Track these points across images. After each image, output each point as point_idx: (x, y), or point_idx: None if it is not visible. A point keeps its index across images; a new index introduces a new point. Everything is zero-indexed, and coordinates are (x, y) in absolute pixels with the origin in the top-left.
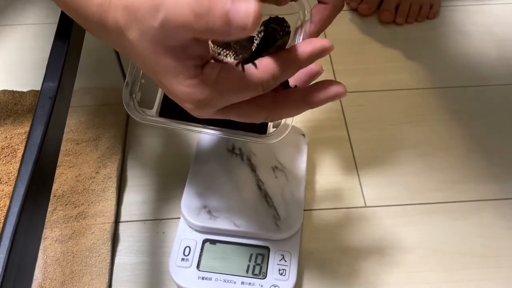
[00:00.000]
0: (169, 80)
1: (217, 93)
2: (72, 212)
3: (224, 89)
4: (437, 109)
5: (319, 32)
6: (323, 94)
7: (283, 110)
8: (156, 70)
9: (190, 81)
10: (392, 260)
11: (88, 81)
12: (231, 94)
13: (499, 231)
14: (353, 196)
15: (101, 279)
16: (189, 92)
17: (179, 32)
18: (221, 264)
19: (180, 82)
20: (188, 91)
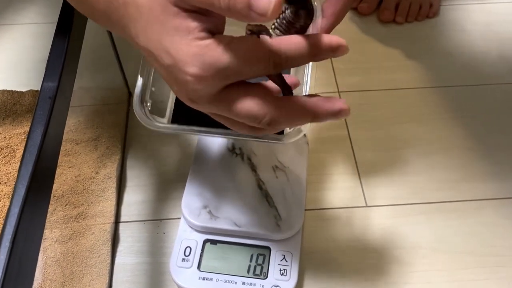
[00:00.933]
0: (176, 42)
1: (227, 57)
2: (72, 212)
3: (234, 54)
4: (437, 108)
5: (332, 27)
6: (328, 106)
7: (285, 116)
8: (162, 32)
9: (201, 41)
10: (393, 260)
11: (87, 80)
12: (242, 62)
13: (500, 230)
14: (354, 195)
15: (101, 279)
16: (197, 53)
17: (197, 2)
18: (222, 265)
19: (189, 43)
20: (196, 51)
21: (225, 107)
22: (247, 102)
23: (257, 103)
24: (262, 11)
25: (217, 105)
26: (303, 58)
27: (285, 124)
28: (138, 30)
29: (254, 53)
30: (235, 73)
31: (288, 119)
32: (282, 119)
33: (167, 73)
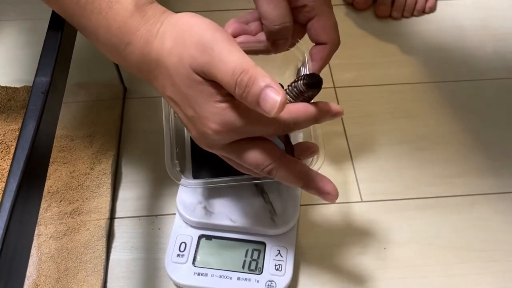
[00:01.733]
0: (200, 102)
1: (244, 119)
2: (67, 208)
3: (251, 117)
4: (432, 104)
5: (321, 69)
6: (320, 185)
7: (283, 172)
8: (187, 92)
9: (221, 104)
10: (388, 255)
11: (81, 76)
12: (256, 124)
13: (494, 225)
14: (349, 191)
15: (96, 275)
16: (217, 113)
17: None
18: (217, 260)
19: (211, 104)
20: (217, 112)
21: (236, 155)
22: (254, 153)
23: (262, 156)
24: (267, 110)
25: (229, 152)
26: (309, 123)
27: (281, 178)
28: (166, 84)
29: (266, 118)
30: (248, 131)
31: (284, 176)
32: (280, 173)
33: (188, 121)
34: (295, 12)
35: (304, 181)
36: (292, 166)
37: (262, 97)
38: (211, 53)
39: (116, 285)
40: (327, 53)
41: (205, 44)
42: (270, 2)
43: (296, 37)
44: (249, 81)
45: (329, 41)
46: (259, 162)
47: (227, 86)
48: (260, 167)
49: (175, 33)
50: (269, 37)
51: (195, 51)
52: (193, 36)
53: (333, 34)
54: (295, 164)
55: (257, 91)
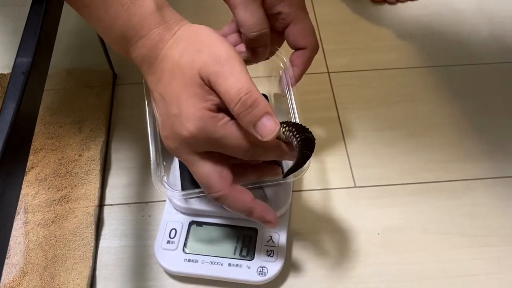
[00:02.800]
0: (190, 102)
1: (221, 133)
2: (55, 195)
3: (226, 134)
4: (427, 88)
5: (302, 74)
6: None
7: (233, 201)
8: (183, 90)
9: (208, 112)
10: (382, 241)
11: (70, 62)
12: (228, 141)
13: (489, 210)
14: (343, 176)
15: (84, 263)
16: (201, 117)
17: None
18: (208, 246)
19: (199, 108)
20: (200, 116)
21: (195, 168)
22: (210, 175)
23: (217, 180)
24: (262, 134)
25: (190, 163)
26: (274, 157)
27: (226, 205)
28: (163, 79)
29: (240, 141)
30: (219, 146)
31: (230, 204)
32: (227, 201)
33: (168, 119)
34: (271, 19)
35: (248, 211)
36: (239, 196)
37: (263, 122)
38: (223, 66)
39: (105, 272)
40: (307, 57)
41: (220, 56)
42: (247, 10)
43: (275, 45)
44: (254, 103)
45: (308, 45)
46: (211, 185)
47: (228, 99)
48: (211, 189)
49: (193, 39)
50: (248, 45)
51: (209, 59)
52: (210, 47)
53: (311, 38)
54: (243, 195)
55: (259, 115)
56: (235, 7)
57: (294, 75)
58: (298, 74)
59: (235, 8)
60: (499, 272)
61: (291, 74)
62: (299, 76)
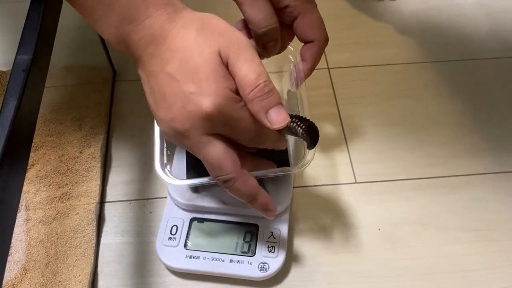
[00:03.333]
0: (209, 79)
1: (238, 113)
2: (56, 193)
3: (242, 115)
4: (428, 84)
5: (313, 68)
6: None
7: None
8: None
9: (229, 91)
10: (383, 236)
11: (70, 59)
12: (241, 123)
13: (490, 205)
14: (343, 172)
15: (86, 259)
16: (221, 94)
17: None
18: (209, 243)
19: (220, 85)
20: (221, 93)
21: (205, 150)
22: (221, 156)
23: (228, 162)
24: (273, 122)
25: (200, 145)
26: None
27: (234, 190)
28: (175, 57)
29: (251, 126)
30: (232, 129)
31: (238, 189)
32: (235, 185)
33: (179, 98)
34: (279, 13)
35: (254, 197)
36: (247, 181)
37: (276, 110)
38: (244, 50)
39: (106, 269)
40: (316, 51)
41: (240, 42)
42: (254, 7)
43: (286, 39)
44: (271, 91)
45: (316, 38)
46: (223, 166)
47: (246, 83)
48: (222, 171)
49: (207, 23)
50: (258, 41)
51: (229, 42)
52: (229, 31)
53: (319, 31)
54: (250, 180)
55: (274, 103)
56: (242, 4)
57: (304, 70)
58: (308, 68)
59: (242, 5)
60: (501, 266)
61: (301, 68)
62: (310, 70)
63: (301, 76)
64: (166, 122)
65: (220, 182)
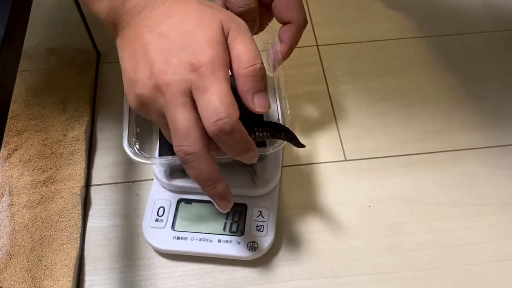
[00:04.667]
0: (207, 37)
1: (224, 73)
2: (40, 177)
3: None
4: (418, 59)
5: (290, 50)
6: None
7: (203, 164)
8: (198, 29)
9: (222, 53)
10: (373, 213)
11: (51, 41)
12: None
13: (481, 179)
14: (333, 150)
15: (72, 243)
16: (212, 54)
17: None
18: (197, 223)
19: (215, 45)
20: (213, 52)
21: (176, 108)
22: (189, 124)
23: (194, 133)
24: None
25: (173, 101)
26: None
27: (193, 169)
28: (171, 19)
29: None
30: (208, 96)
31: (198, 168)
32: (195, 163)
33: (164, 53)
34: None
35: (214, 180)
36: (210, 161)
37: (263, 95)
38: (244, 31)
39: (93, 252)
40: (294, 32)
41: (243, 24)
42: None
43: (265, 19)
44: (264, 76)
45: (294, 19)
46: (190, 135)
47: (243, 59)
48: (186, 140)
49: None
50: None
51: (232, 19)
52: (230, 12)
53: (298, 12)
54: (213, 162)
55: (263, 87)
56: None
57: (281, 51)
58: (286, 50)
59: None
60: (491, 240)
61: (278, 50)
62: (287, 52)
63: (279, 58)
64: (142, 81)
65: (182, 153)
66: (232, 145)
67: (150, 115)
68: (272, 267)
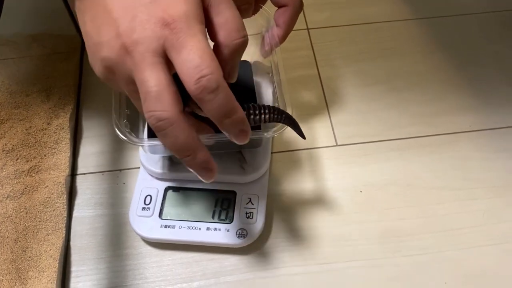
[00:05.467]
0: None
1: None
2: (24, 166)
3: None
4: (411, 42)
5: (286, 34)
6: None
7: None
8: None
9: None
10: (365, 198)
11: (34, 27)
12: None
13: (474, 163)
14: (324, 135)
15: (57, 233)
16: (189, 10)
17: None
18: (185, 211)
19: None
20: (191, 6)
21: (149, 68)
22: (162, 86)
23: (170, 92)
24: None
25: (144, 62)
26: None
27: (169, 137)
28: None
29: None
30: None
31: (175, 136)
32: (171, 129)
33: (132, 8)
34: None
35: (192, 149)
36: (187, 127)
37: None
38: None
39: (80, 242)
40: (289, 16)
41: None
42: None
43: (259, 2)
44: (245, 47)
45: (290, 2)
46: (162, 97)
47: (229, 27)
48: (157, 104)
49: None
50: None
51: None
52: None
53: None
54: (190, 128)
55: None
56: None
57: (278, 35)
58: (281, 34)
59: None
60: (485, 224)
61: (275, 33)
62: (283, 37)
63: (276, 41)
64: (107, 43)
65: (154, 120)
66: (218, 105)
67: (119, 83)
68: (262, 255)
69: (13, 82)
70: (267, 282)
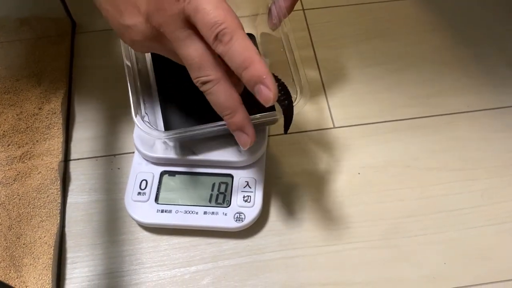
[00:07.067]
0: None
1: None
2: (16, 153)
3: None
4: (407, 22)
5: (292, 5)
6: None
7: (223, 90)
8: None
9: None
10: (363, 180)
11: (23, 10)
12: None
13: (473, 143)
14: (321, 117)
15: (52, 220)
16: None
17: None
18: (182, 196)
19: None
20: None
21: (184, 42)
22: (201, 52)
23: (209, 60)
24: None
25: (179, 38)
26: None
27: (214, 95)
28: None
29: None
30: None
31: (218, 94)
32: (215, 89)
33: None
34: None
35: (234, 109)
36: (231, 88)
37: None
38: None
39: (74, 229)
40: None
41: None
42: None
43: None
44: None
45: None
46: (205, 64)
47: None
48: (204, 70)
49: None
50: None
51: None
52: None
53: None
54: (233, 91)
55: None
56: None
57: (285, 7)
58: (288, 5)
59: None
60: (484, 204)
61: (282, 5)
62: (289, 8)
63: (284, 12)
64: (137, 28)
65: (199, 84)
66: (236, 52)
67: (161, 53)
68: (260, 238)
69: (2, 67)
70: (265, 265)
